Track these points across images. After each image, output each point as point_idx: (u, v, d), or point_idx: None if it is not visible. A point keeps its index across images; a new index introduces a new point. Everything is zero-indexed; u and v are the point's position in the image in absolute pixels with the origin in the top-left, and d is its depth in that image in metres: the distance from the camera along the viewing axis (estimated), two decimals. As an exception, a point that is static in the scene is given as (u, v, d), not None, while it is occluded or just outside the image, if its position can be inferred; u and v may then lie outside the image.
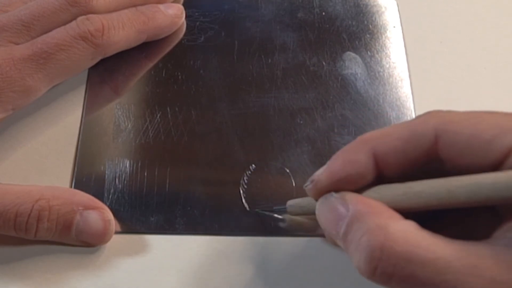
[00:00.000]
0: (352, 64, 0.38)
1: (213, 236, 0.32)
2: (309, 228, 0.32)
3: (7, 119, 0.34)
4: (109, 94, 0.37)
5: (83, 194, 0.32)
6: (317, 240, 0.32)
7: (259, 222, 0.33)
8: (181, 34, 0.40)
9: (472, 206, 0.24)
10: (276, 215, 0.33)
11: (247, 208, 0.33)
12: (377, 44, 0.39)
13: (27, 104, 0.34)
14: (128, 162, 0.34)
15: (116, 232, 0.32)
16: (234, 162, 0.34)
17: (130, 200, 0.33)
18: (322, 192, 0.27)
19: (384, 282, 0.24)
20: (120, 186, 0.33)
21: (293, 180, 0.34)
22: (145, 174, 0.34)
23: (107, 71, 0.37)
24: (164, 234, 0.32)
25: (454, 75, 0.39)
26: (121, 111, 0.36)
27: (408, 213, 0.25)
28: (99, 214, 0.31)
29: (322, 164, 0.34)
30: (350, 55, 0.39)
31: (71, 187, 0.34)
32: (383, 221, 0.24)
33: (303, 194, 0.33)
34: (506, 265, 0.22)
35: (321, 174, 0.27)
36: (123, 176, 0.34)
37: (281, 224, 0.33)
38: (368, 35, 0.40)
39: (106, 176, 0.34)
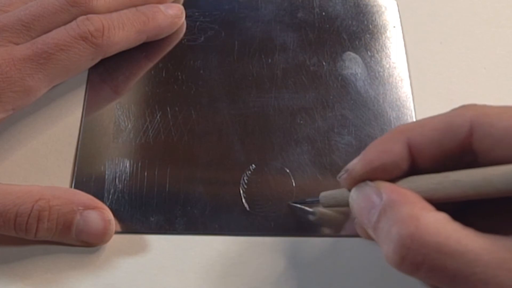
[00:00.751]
0: (352, 64, 0.38)
1: (213, 236, 0.32)
2: (337, 223, 0.33)
3: (7, 120, 0.34)
4: (109, 94, 0.37)
5: (83, 194, 0.32)
6: (318, 240, 0.32)
7: (259, 222, 0.33)
8: (181, 34, 0.40)
9: (508, 195, 0.24)
10: (307, 208, 0.33)
11: (247, 208, 0.33)
12: (377, 44, 0.39)
13: (27, 104, 0.34)
14: (128, 162, 0.34)
15: (116, 232, 0.32)
16: (234, 162, 0.34)
17: (130, 200, 0.33)
18: (356, 181, 0.28)
19: (411, 271, 0.24)
20: (120, 186, 0.34)
21: (293, 180, 0.34)
22: (145, 174, 0.34)
23: (107, 71, 0.37)
24: (164, 234, 0.32)
25: (454, 75, 0.39)
26: (121, 111, 0.36)
27: (439, 206, 0.25)
28: (99, 214, 0.31)
29: (322, 164, 0.34)
30: (350, 55, 0.39)
31: (71, 187, 0.34)
32: (416, 211, 0.24)
33: (302, 193, 0.33)
34: None
35: (356, 163, 0.28)
36: (123, 176, 0.34)
37: (311, 217, 0.33)
38: (368, 35, 0.40)
39: (106, 176, 0.34)
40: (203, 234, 0.32)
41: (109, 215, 0.32)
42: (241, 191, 0.33)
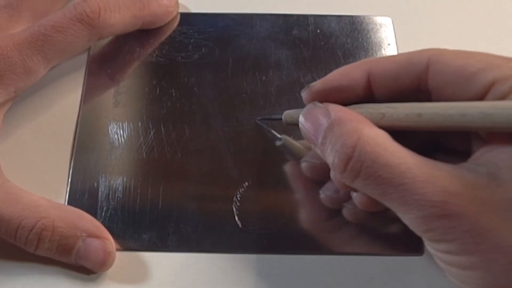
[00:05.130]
0: (347, 82, 0.40)
1: (205, 253, 0.33)
2: (299, 154, 0.36)
3: (4, 129, 0.35)
4: (105, 111, 0.38)
5: (91, 219, 0.33)
6: (312, 258, 0.33)
7: (251, 240, 0.34)
8: (174, 24, 0.42)
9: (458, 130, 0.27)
10: (276, 134, 0.37)
11: (240, 226, 0.34)
12: None
13: (28, 86, 0.36)
14: (121, 179, 0.35)
15: (109, 249, 0.33)
16: (227, 179, 0.36)
17: (123, 217, 0.34)
18: (314, 97, 0.31)
19: (352, 178, 0.28)
20: (113, 203, 0.35)
21: (286, 198, 0.35)
22: (138, 191, 0.35)
23: (103, 85, 0.39)
24: (156, 252, 0.33)
25: (448, 93, 0.40)
26: (115, 128, 0.37)
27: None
28: (101, 244, 0.32)
29: (315, 181, 0.35)
30: None
31: (64, 203, 0.35)
32: (360, 126, 0.28)
33: (296, 211, 0.35)
34: (460, 180, 0.26)
35: (317, 81, 0.31)
36: (116, 193, 0.35)
37: (277, 143, 0.37)
38: (362, 53, 0.41)
39: (100, 193, 0.35)
40: (195, 252, 0.33)
41: (111, 247, 0.33)
42: (234, 209, 0.35)
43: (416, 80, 0.29)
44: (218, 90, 0.39)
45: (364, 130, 0.28)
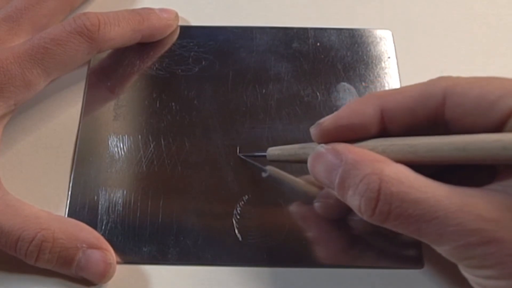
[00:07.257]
0: (347, 95, 0.40)
1: (205, 266, 0.34)
2: (285, 183, 0.37)
3: (6, 139, 0.36)
4: (104, 125, 0.39)
5: (91, 231, 0.34)
6: (312, 271, 0.34)
7: (251, 253, 0.34)
8: (174, 37, 0.43)
9: (481, 163, 0.27)
10: (260, 166, 0.37)
11: (240, 239, 0.35)
12: (371, 74, 0.41)
13: (27, 99, 0.37)
14: (121, 192, 0.36)
15: (109, 263, 0.34)
16: (228, 192, 0.36)
17: (123, 230, 0.35)
18: (324, 135, 0.31)
19: (382, 221, 0.27)
20: (113, 216, 0.35)
21: (286, 211, 0.36)
22: (138, 204, 0.36)
23: (103, 98, 0.40)
24: (156, 265, 0.34)
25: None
26: (115, 141, 0.38)
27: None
28: (101, 255, 0.33)
29: (315, 195, 0.36)
30: (344, 86, 0.41)
31: (64, 216, 0.35)
32: (378, 166, 0.27)
33: (296, 224, 0.35)
34: (493, 205, 0.25)
35: (327, 118, 0.31)
36: (116, 206, 0.36)
37: (263, 174, 0.37)
38: (362, 66, 0.42)
39: (100, 206, 0.36)
40: (195, 265, 0.34)
41: (111, 258, 0.33)
42: (234, 222, 0.35)
43: (433, 113, 0.29)
44: (218, 103, 0.40)
45: (384, 170, 0.27)
